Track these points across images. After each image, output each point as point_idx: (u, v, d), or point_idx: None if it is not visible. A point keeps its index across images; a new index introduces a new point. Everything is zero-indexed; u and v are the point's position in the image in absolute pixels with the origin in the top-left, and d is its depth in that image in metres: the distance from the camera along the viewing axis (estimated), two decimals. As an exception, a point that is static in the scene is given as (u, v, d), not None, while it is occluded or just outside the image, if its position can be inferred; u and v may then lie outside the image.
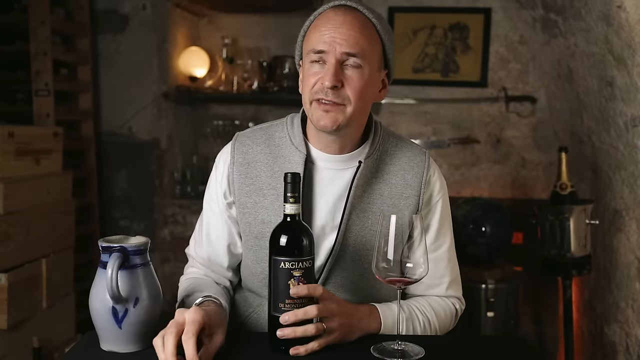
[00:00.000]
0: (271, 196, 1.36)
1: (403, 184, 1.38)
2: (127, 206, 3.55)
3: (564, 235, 2.55)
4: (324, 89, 1.26)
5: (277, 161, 1.38)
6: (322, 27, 1.28)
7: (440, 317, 1.40)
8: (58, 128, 2.78)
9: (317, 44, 1.28)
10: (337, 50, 1.26)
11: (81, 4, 3.32)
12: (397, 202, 1.37)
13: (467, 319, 2.76)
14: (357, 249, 1.36)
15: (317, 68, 1.29)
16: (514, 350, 1.29)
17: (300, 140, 1.37)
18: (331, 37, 1.27)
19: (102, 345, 1.18)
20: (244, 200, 1.38)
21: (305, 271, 1.15)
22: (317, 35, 1.29)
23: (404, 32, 3.36)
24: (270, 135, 1.41)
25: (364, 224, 1.36)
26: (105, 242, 1.17)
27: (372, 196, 1.37)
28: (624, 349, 2.39)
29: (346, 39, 1.26)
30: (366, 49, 1.28)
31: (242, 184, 1.38)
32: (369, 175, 1.37)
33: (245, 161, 1.39)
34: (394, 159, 1.40)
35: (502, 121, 3.36)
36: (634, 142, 2.24)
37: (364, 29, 1.29)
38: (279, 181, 1.34)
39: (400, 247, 1.24)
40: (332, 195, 1.36)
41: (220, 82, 3.63)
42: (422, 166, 1.40)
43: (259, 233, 1.37)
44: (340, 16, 1.28)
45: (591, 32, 2.32)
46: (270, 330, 1.18)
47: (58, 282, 2.65)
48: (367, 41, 1.28)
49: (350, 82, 1.27)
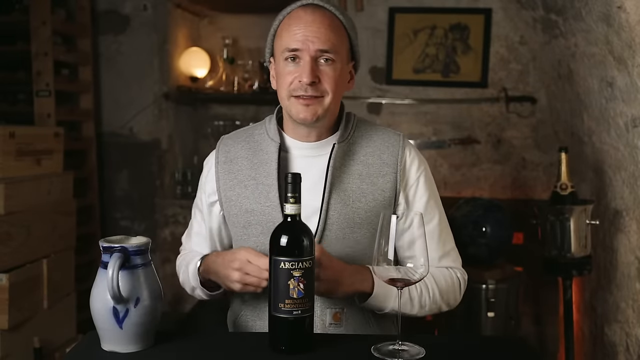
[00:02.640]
0: (251, 186, 1.44)
1: (379, 162, 1.44)
2: (128, 206, 3.55)
3: (564, 235, 2.55)
4: (302, 86, 1.35)
5: (256, 154, 1.46)
6: (294, 27, 1.36)
7: (441, 284, 1.41)
8: (59, 128, 2.79)
9: (291, 43, 1.35)
10: (310, 48, 1.34)
11: (82, 5, 3.33)
12: (375, 180, 1.42)
13: (467, 318, 2.78)
14: (341, 228, 1.40)
15: (291, 66, 1.37)
16: (514, 350, 1.29)
17: (274, 132, 1.45)
18: (304, 36, 1.35)
19: (103, 346, 1.19)
20: (229, 194, 1.46)
21: (305, 271, 1.15)
22: (289, 34, 1.37)
23: (405, 33, 3.37)
24: (250, 134, 1.51)
25: (345, 202, 1.40)
26: (106, 242, 1.17)
27: (350, 176, 1.42)
28: (624, 349, 2.39)
29: (318, 37, 1.35)
30: (336, 45, 1.37)
31: (226, 179, 1.46)
32: (344, 156, 1.43)
33: (227, 159, 1.48)
34: (369, 141, 1.46)
35: (503, 121, 3.36)
36: (634, 142, 2.24)
37: (333, 26, 1.37)
38: (257, 172, 1.43)
39: (401, 247, 1.24)
40: (309, 180, 1.40)
41: (221, 83, 3.64)
42: (397, 145, 1.45)
43: (245, 222, 1.43)
44: (310, 15, 1.37)
45: (591, 33, 2.33)
46: (271, 330, 1.19)
47: (59, 283, 2.65)
48: (336, 37, 1.37)
49: (325, 76, 1.36)
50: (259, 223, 1.41)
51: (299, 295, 1.14)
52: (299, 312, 1.15)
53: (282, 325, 1.16)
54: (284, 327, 1.16)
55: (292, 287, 1.14)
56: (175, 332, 1.28)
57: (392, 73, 3.38)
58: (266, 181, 1.42)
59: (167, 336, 1.25)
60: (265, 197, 1.41)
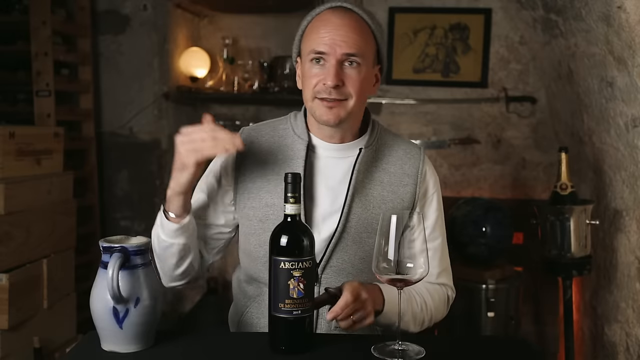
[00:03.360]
0: (274, 181, 1.43)
1: (401, 172, 1.46)
2: (127, 206, 3.55)
3: (564, 235, 2.55)
4: (327, 89, 1.35)
5: (281, 149, 1.46)
6: (322, 29, 1.36)
7: (435, 301, 1.47)
8: (59, 128, 2.78)
9: (318, 46, 1.36)
10: (337, 52, 1.34)
11: (82, 5, 3.32)
12: (396, 189, 1.45)
13: (468, 319, 2.78)
14: (358, 232, 1.41)
15: (317, 69, 1.37)
16: (514, 350, 1.29)
17: (302, 129, 1.46)
18: (331, 39, 1.35)
19: (103, 346, 1.19)
20: (249, 186, 1.44)
21: (305, 271, 1.15)
22: (316, 36, 1.37)
23: (405, 33, 3.37)
24: (274, 127, 1.50)
25: (366, 207, 1.42)
26: (106, 242, 1.17)
27: (372, 182, 1.44)
28: (625, 349, 2.39)
29: (345, 41, 1.34)
30: (363, 49, 1.37)
31: (247, 170, 1.45)
32: (368, 162, 1.44)
33: (250, 151, 1.46)
34: (391, 150, 1.48)
35: (503, 121, 3.36)
36: (634, 142, 2.24)
37: (360, 30, 1.37)
38: (282, 167, 1.42)
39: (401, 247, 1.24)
40: (333, 181, 1.43)
41: (221, 83, 3.63)
42: (418, 158, 1.49)
43: (263, 216, 1.42)
44: (339, 19, 1.37)
45: (591, 33, 2.33)
46: (271, 330, 1.19)
47: (59, 283, 2.65)
48: (363, 41, 1.37)
49: (349, 80, 1.36)
50: (277, 218, 1.36)
51: (299, 295, 1.15)
52: (299, 312, 1.15)
53: (282, 325, 1.16)
54: (284, 327, 1.16)
55: (292, 287, 1.14)
56: (175, 332, 1.28)
57: (392, 73, 3.38)
58: None
59: (167, 336, 1.25)
60: None
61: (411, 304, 1.41)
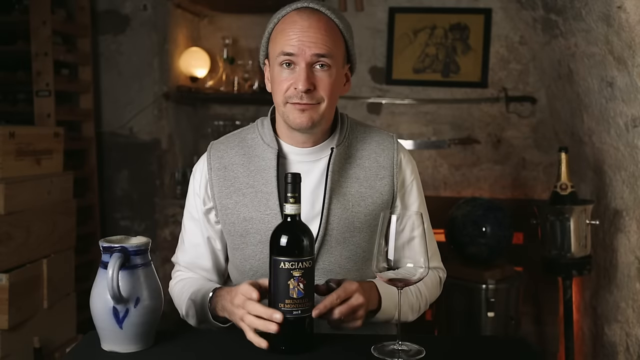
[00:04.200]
0: (250, 194, 1.41)
1: (376, 165, 1.44)
2: (127, 206, 3.55)
3: (564, 235, 2.55)
4: (298, 93, 1.32)
5: (252, 160, 1.43)
6: (289, 31, 1.34)
7: (429, 286, 1.47)
8: (59, 128, 2.78)
9: (286, 47, 1.33)
10: (306, 53, 1.32)
11: (82, 5, 3.32)
12: (373, 183, 1.43)
13: (468, 319, 2.78)
14: (341, 232, 1.40)
15: (287, 73, 1.34)
16: (514, 350, 1.29)
17: (271, 137, 1.43)
18: (299, 41, 1.32)
19: (103, 346, 1.19)
20: (225, 202, 1.42)
21: (305, 271, 1.15)
22: (284, 38, 1.34)
23: (405, 33, 3.37)
24: (242, 138, 1.48)
25: (345, 207, 1.40)
26: (106, 242, 1.17)
27: (348, 180, 1.42)
28: (625, 349, 2.39)
29: (314, 42, 1.32)
30: (332, 49, 1.34)
31: (222, 187, 1.43)
32: (342, 160, 1.42)
33: (222, 165, 1.44)
34: (364, 144, 1.46)
35: (503, 121, 3.36)
36: (634, 142, 2.24)
37: (329, 30, 1.34)
38: (255, 179, 1.41)
39: (401, 247, 1.23)
40: (309, 186, 1.40)
41: (221, 83, 3.63)
42: (392, 148, 1.46)
43: (243, 231, 1.41)
44: (306, 20, 1.33)
45: (591, 33, 2.33)
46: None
47: (59, 283, 2.65)
48: (332, 41, 1.34)
49: (321, 83, 1.33)
50: (257, 231, 1.39)
51: (299, 295, 1.15)
52: (298, 312, 1.15)
53: (282, 325, 1.16)
54: (284, 327, 1.16)
55: (292, 287, 1.14)
56: (175, 332, 1.28)
57: (392, 73, 3.38)
58: (265, 189, 1.39)
59: (167, 336, 1.25)
60: (265, 205, 1.39)
61: (407, 295, 1.40)
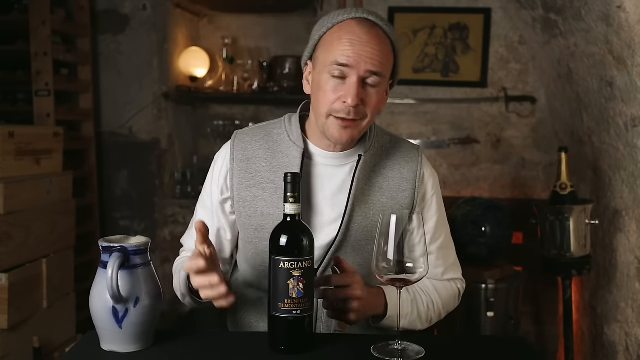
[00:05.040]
0: (270, 189, 1.40)
1: (400, 177, 1.43)
2: (127, 206, 3.55)
3: (564, 235, 2.55)
4: (346, 108, 1.29)
5: (276, 156, 1.41)
6: (346, 41, 1.28)
7: (444, 298, 1.45)
8: (58, 128, 2.78)
9: (342, 58, 1.28)
10: (361, 68, 1.28)
11: (81, 4, 3.32)
12: (395, 195, 1.42)
13: (467, 318, 2.78)
14: (358, 240, 1.39)
15: (336, 83, 1.30)
16: (514, 350, 1.29)
17: (298, 136, 1.41)
18: (357, 54, 1.27)
19: (102, 345, 1.18)
20: (244, 195, 1.41)
21: (305, 271, 1.15)
22: (340, 47, 1.29)
23: (404, 32, 3.36)
24: (268, 132, 1.46)
25: (366, 215, 1.40)
26: (105, 242, 1.17)
27: (372, 189, 1.41)
28: (624, 349, 2.39)
29: (371, 58, 1.28)
30: (385, 67, 1.32)
31: (242, 179, 1.42)
32: (368, 169, 1.41)
33: (244, 157, 1.43)
34: (389, 154, 1.45)
35: (502, 121, 3.36)
36: (633, 142, 2.24)
37: (385, 47, 1.31)
38: (277, 175, 1.39)
39: (401, 247, 1.24)
40: (331, 189, 1.40)
41: (221, 82, 3.63)
42: (416, 161, 1.45)
43: (258, 225, 1.40)
44: (366, 33, 1.29)
45: (591, 33, 2.33)
46: (270, 330, 1.19)
47: (58, 282, 2.65)
48: (386, 59, 1.32)
49: (369, 100, 1.31)
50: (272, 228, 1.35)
51: (299, 295, 1.14)
52: (298, 312, 1.15)
53: (282, 325, 1.16)
54: (284, 326, 1.16)
55: (292, 287, 1.14)
56: (175, 332, 1.28)
57: (392, 73, 3.38)
58: None
59: (167, 336, 1.25)
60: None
61: (416, 303, 1.40)
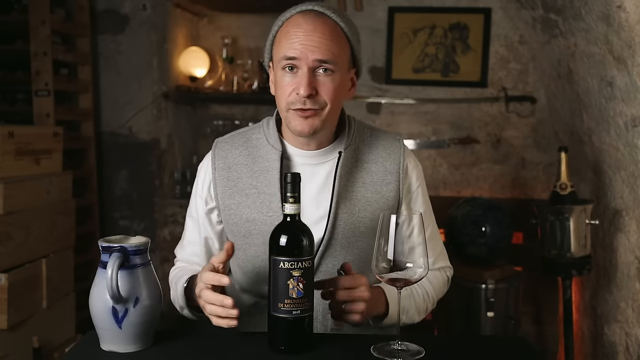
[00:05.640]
0: (253, 195, 1.40)
1: (383, 170, 1.43)
2: (127, 206, 3.55)
3: (564, 235, 2.55)
4: (300, 99, 1.30)
5: (256, 161, 1.42)
6: (293, 34, 1.30)
7: (436, 287, 1.49)
8: (58, 128, 2.78)
9: (289, 51, 1.30)
10: (309, 58, 1.29)
11: (81, 4, 3.32)
12: (379, 188, 1.42)
13: (467, 318, 2.78)
14: (346, 237, 1.39)
15: (289, 77, 1.31)
16: (514, 350, 1.29)
17: (275, 138, 1.41)
18: (302, 45, 1.29)
19: (102, 345, 1.18)
20: (228, 203, 1.42)
21: (304, 271, 1.15)
22: (287, 42, 1.30)
23: (404, 32, 3.36)
24: (248, 138, 1.46)
25: (351, 211, 1.39)
26: (105, 242, 1.17)
27: (355, 184, 1.41)
28: (624, 349, 2.39)
29: (317, 47, 1.29)
30: (336, 54, 1.31)
31: (225, 187, 1.42)
32: (349, 164, 1.41)
33: (225, 165, 1.43)
34: (371, 147, 1.45)
35: (502, 121, 3.36)
36: (634, 142, 2.24)
37: (333, 34, 1.31)
38: (259, 180, 1.40)
39: (400, 247, 1.24)
40: (313, 189, 1.40)
41: (220, 82, 3.63)
42: (399, 153, 1.45)
43: (245, 232, 1.40)
44: (310, 23, 1.30)
45: (591, 32, 2.32)
46: (270, 330, 1.18)
47: (58, 282, 2.65)
48: (336, 46, 1.31)
49: (323, 88, 1.31)
50: (259, 233, 1.38)
51: (299, 295, 1.14)
52: (298, 312, 1.15)
53: (282, 325, 1.16)
54: (284, 326, 1.16)
55: (292, 287, 1.14)
56: (174, 332, 1.28)
57: (392, 73, 3.38)
58: (268, 190, 1.38)
59: (167, 336, 1.25)
60: (267, 206, 1.38)
61: (413, 297, 1.41)
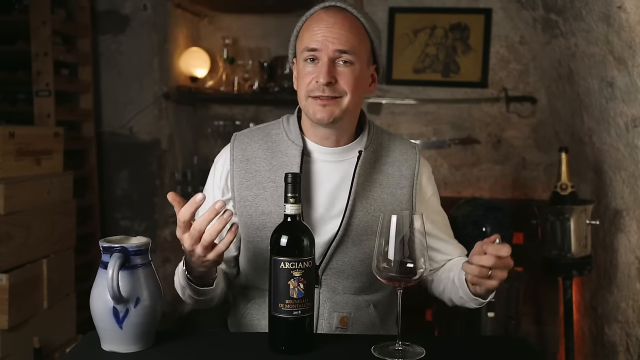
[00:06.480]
0: (270, 188, 1.42)
1: (399, 174, 1.47)
2: (127, 206, 3.55)
3: (564, 235, 2.55)
4: (320, 87, 1.35)
5: (275, 156, 1.44)
6: (315, 27, 1.37)
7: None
8: (59, 128, 2.79)
9: (310, 43, 1.36)
10: (329, 48, 1.34)
11: (82, 5, 3.32)
12: (394, 191, 1.46)
13: (467, 319, 2.77)
14: (359, 234, 1.41)
15: (310, 67, 1.37)
16: (514, 350, 1.29)
17: (296, 134, 1.44)
18: (323, 36, 1.35)
19: (102, 346, 1.18)
20: (245, 194, 1.43)
21: (305, 271, 1.15)
22: (309, 34, 1.37)
23: (405, 33, 3.36)
24: (267, 133, 1.49)
25: (367, 210, 1.42)
26: (106, 242, 1.17)
27: (372, 185, 1.44)
28: (625, 349, 2.39)
29: (337, 38, 1.35)
30: (356, 46, 1.36)
31: (242, 179, 1.44)
32: (368, 164, 1.44)
33: (244, 157, 1.45)
34: (389, 151, 1.49)
35: (503, 121, 3.36)
36: (634, 142, 2.24)
37: (353, 28, 1.37)
38: (277, 174, 1.42)
39: (400, 247, 1.24)
40: (331, 185, 1.42)
41: (221, 83, 3.64)
42: (414, 159, 1.50)
43: (260, 224, 1.42)
44: (332, 17, 1.37)
45: (592, 33, 2.33)
46: (271, 330, 1.19)
47: (59, 283, 2.65)
48: (356, 39, 1.37)
49: (343, 77, 1.36)
50: (274, 226, 1.34)
51: (299, 295, 1.14)
52: (299, 312, 1.15)
53: (282, 325, 1.16)
54: (284, 327, 1.16)
55: (292, 287, 1.14)
56: (175, 332, 1.28)
57: (392, 73, 3.38)
58: None
59: (167, 336, 1.25)
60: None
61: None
